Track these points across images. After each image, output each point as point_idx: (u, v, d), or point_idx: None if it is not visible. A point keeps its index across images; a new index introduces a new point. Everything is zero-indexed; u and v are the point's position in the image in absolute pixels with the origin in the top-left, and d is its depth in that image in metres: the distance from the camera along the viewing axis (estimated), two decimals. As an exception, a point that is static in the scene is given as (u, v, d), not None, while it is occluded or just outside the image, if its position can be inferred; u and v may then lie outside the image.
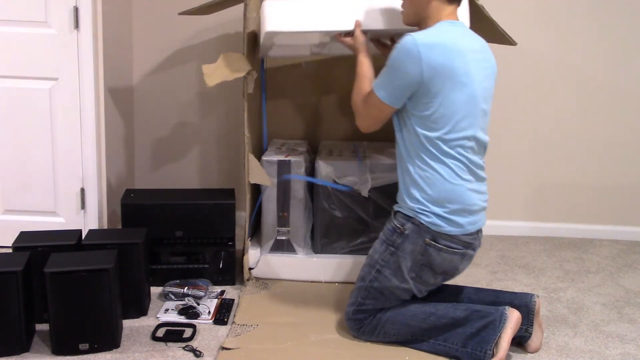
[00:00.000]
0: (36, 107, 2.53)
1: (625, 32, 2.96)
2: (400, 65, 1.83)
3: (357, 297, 1.99)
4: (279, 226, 2.45)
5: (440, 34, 1.86)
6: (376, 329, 1.97)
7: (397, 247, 1.93)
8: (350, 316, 1.99)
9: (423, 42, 1.80)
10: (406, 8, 1.97)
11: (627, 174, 3.10)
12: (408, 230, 1.91)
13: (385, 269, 1.94)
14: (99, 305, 1.87)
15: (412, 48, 1.80)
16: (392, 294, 1.96)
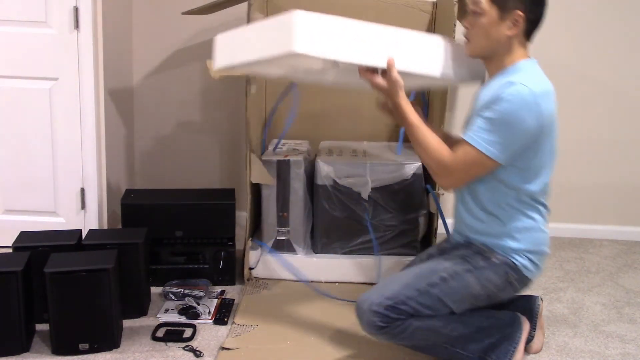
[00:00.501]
0: (36, 107, 2.53)
1: (625, 32, 2.96)
2: (517, 119, 1.64)
3: (399, 293, 1.76)
4: (279, 226, 2.45)
5: (542, 78, 1.74)
6: (403, 333, 1.77)
7: (476, 268, 1.79)
8: (381, 310, 1.74)
9: (540, 92, 1.66)
10: (477, 39, 1.76)
11: (627, 174, 3.11)
12: (497, 261, 1.80)
13: (453, 281, 1.78)
14: (99, 305, 1.87)
15: (530, 99, 1.64)
16: (442, 306, 1.79)
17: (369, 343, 2.01)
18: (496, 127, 1.66)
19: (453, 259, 1.83)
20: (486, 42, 1.76)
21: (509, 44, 1.75)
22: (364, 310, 1.78)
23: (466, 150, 1.70)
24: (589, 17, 2.94)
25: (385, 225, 2.43)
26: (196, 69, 2.98)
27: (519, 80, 1.67)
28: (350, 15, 2.67)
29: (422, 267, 1.85)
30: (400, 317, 1.74)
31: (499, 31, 1.73)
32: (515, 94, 1.64)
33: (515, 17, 1.70)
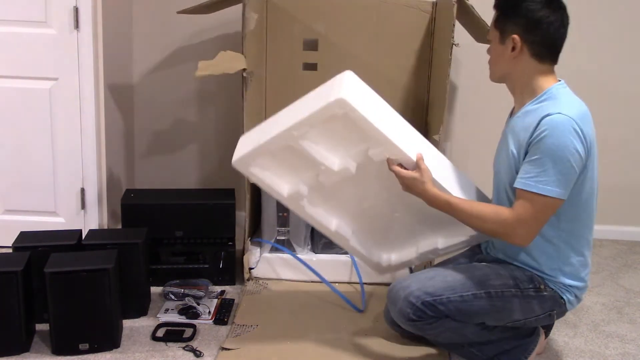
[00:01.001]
0: (36, 107, 2.53)
1: (625, 32, 2.96)
2: (566, 149, 1.60)
3: (442, 293, 1.73)
4: (279, 226, 2.45)
5: (575, 101, 1.73)
6: (431, 330, 1.78)
7: (524, 296, 1.76)
8: (418, 304, 1.73)
9: (577, 116, 1.64)
10: (491, 65, 1.81)
11: (627, 174, 3.10)
12: (547, 293, 1.78)
13: (498, 301, 1.75)
14: (99, 305, 1.87)
15: (571, 126, 1.61)
16: (478, 318, 1.78)
17: (369, 343, 2.01)
18: (549, 164, 1.61)
19: (504, 277, 1.78)
20: (497, 67, 1.78)
21: (520, 68, 1.74)
22: (399, 297, 1.76)
23: (528, 199, 1.63)
24: (591, 18, 2.94)
25: (385, 225, 2.43)
26: (196, 69, 2.98)
27: (554, 110, 1.64)
28: (351, 15, 2.70)
29: (471, 274, 1.80)
30: (434, 315, 1.73)
31: (503, 55, 1.74)
32: (555, 125, 1.61)
33: (513, 41, 1.71)
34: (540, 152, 1.62)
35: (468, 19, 2.42)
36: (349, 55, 2.74)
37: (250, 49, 2.30)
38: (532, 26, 1.70)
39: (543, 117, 1.64)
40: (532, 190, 1.62)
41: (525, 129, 1.69)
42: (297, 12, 2.70)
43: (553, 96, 1.71)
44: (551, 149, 1.61)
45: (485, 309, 1.75)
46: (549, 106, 1.67)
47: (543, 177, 1.61)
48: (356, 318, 2.18)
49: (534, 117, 1.67)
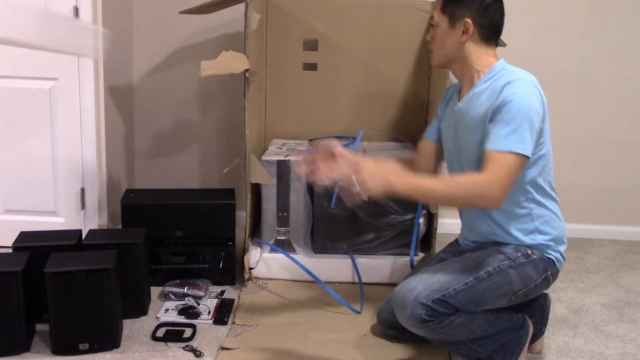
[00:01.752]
0: (36, 107, 2.53)
1: (625, 32, 2.96)
2: (531, 110, 1.67)
3: (448, 286, 1.74)
4: (279, 226, 2.45)
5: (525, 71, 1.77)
6: (443, 328, 1.76)
7: (518, 265, 1.80)
8: (429, 303, 1.72)
9: (535, 81, 1.73)
10: (435, 50, 1.86)
11: (627, 174, 3.11)
12: (535, 256, 1.82)
13: (498, 276, 1.78)
14: (99, 305, 1.87)
15: (533, 89, 1.70)
16: (485, 302, 1.79)
17: (369, 343, 2.01)
18: (517, 125, 1.66)
19: (494, 255, 1.82)
20: (443, 52, 1.84)
21: (468, 51, 1.80)
22: (409, 301, 1.74)
23: (500, 159, 1.65)
24: (591, 18, 2.94)
25: (385, 225, 2.43)
26: (196, 68, 2.94)
27: (513, 78, 1.71)
28: (351, 15, 2.70)
29: (466, 262, 1.83)
30: (446, 311, 1.74)
31: (453, 39, 1.80)
32: (520, 89, 1.68)
33: (465, 24, 1.77)
34: (507, 113, 1.67)
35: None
36: (349, 55, 2.74)
37: (251, 48, 2.30)
38: (484, 10, 1.78)
39: (504, 85, 1.70)
40: (504, 149, 1.65)
41: (484, 104, 1.74)
42: (297, 12, 2.70)
43: (503, 69, 1.78)
44: (518, 109, 1.66)
45: (489, 288, 1.78)
46: (504, 77, 1.73)
47: (512, 136, 1.65)
48: (356, 318, 2.18)
49: (493, 90, 1.73)
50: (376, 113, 2.81)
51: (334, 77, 2.79)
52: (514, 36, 2.86)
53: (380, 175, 1.57)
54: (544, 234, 1.84)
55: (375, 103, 2.80)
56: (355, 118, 2.81)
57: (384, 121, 2.81)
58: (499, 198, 1.65)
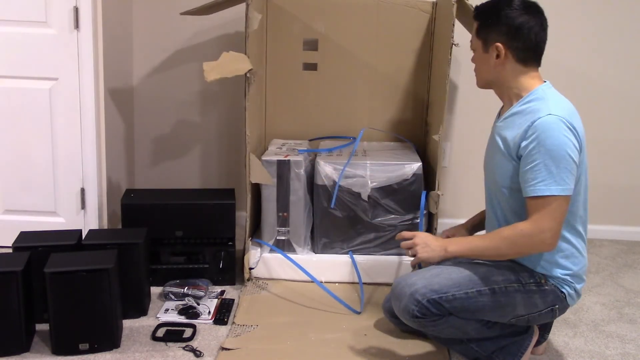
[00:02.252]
0: (36, 107, 2.53)
1: (624, 32, 2.96)
2: (563, 145, 1.64)
3: (448, 290, 1.75)
4: (279, 226, 2.45)
5: (562, 100, 1.75)
6: (434, 327, 1.79)
7: (527, 291, 1.79)
8: (424, 301, 1.74)
9: (567, 114, 1.68)
10: (476, 73, 1.87)
11: (627, 174, 3.10)
12: (548, 287, 1.80)
13: (502, 296, 1.77)
14: (99, 305, 1.87)
15: (562, 123, 1.65)
16: (482, 315, 1.79)
17: (368, 343, 2.01)
18: (551, 165, 1.64)
19: (506, 273, 1.80)
20: (483, 75, 1.85)
21: (505, 74, 1.79)
22: (405, 295, 1.77)
23: (542, 204, 1.66)
24: (592, 19, 2.94)
25: (385, 225, 2.43)
26: (196, 69, 2.98)
27: (544, 112, 1.67)
28: (351, 15, 2.70)
29: (475, 271, 1.81)
30: (439, 313, 1.75)
31: (488, 63, 1.80)
32: (549, 127, 1.65)
33: (497, 49, 1.77)
34: (540, 155, 1.65)
35: (468, 19, 2.42)
36: (349, 55, 2.74)
37: (251, 48, 2.30)
38: (514, 33, 1.74)
39: (534, 121, 1.67)
40: (545, 194, 1.65)
41: (515, 129, 1.73)
42: (297, 12, 2.71)
43: (540, 97, 1.74)
44: (550, 149, 1.64)
45: (489, 305, 1.77)
46: (537, 108, 1.70)
47: (550, 179, 1.64)
48: (356, 318, 2.18)
49: (524, 119, 1.72)
50: (376, 113, 2.81)
51: (334, 77, 2.79)
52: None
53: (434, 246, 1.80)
54: (563, 268, 1.80)
55: (375, 103, 2.80)
56: (355, 118, 2.81)
57: (384, 121, 2.81)
58: (551, 243, 1.69)
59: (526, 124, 1.69)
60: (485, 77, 1.85)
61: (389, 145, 2.73)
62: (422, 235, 1.83)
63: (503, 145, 1.77)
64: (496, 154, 1.82)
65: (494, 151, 1.84)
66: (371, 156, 2.49)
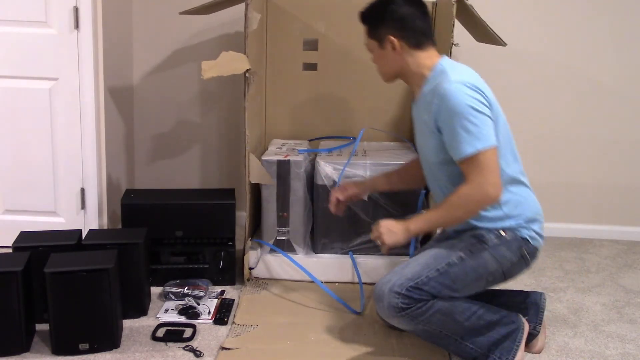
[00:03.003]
0: (36, 107, 2.53)
1: (624, 32, 2.96)
2: (464, 101, 1.74)
3: (420, 274, 1.80)
4: (279, 226, 2.45)
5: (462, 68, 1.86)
6: (423, 315, 1.80)
7: (490, 247, 1.86)
8: (403, 291, 1.78)
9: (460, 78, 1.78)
10: (379, 70, 1.96)
11: (627, 174, 3.10)
12: (509, 237, 1.87)
13: (470, 260, 1.84)
14: (99, 305, 1.87)
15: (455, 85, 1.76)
16: (461, 286, 1.84)
17: (368, 343, 2.01)
18: (465, 124, 1.74)
19: (466, 239, 1.88)
20: (387, 69, 1.95)
21: (405, 61, 1.90)
22: (384, 292, 1.81)
23: (472, 163, 1.75)
24: (590, 18, 2.94)
25: (385, 225, 2.43)
26: (196, 69, 2.96)
27: (445, 83, 1.78)
28: (351, 15, 2.70)
29: (438, 249, 1.89)
30: (422, 297, 1.79)
31: (387, 57, 1.91)
32: (445, 92, 1.76)
33: (390, 42, 1.88)
34: (453, 120, 1.75)
35: (468, 19, 2.42)
36: (349, 55, 2.74)
37: (251, 48, 2.30)
38: (400, 23, 1.88)
39: (439, 93, 1.79)
40: (470, 153, 1.74)
41: (428, 106, 1.84)
42: (297, 12, 2.71)
43: (441, 71, 1.85)
44: (459, 111, 1.73)
45: (462, 272, 1.83)
46: (440, 81, 1.81)
47: (469, 137, 1.74)
48: (356, 318, 2.18)
49: (432, 95, 1.83)
50: (376, 113, 2.81)
51: (334, 77, 2.79)
52: (514, 36, 2.87)
53: (397, 230, 1.83)
54: (513, 218, 1.88)
55: (375, 103, 2.80)
56: (355, 118, 2.81)
57: (384, 121, 2.81)
58: (494, 192, 1.77)
59: (435, 98, 1.80)
60: (389, 71, 1.94)
61: (389, 145, 2.73)
62: (383, 222, 1.86)
63: (425, 126, 1.88)
64: (422, 136, 1.94)
65: (420, 134, 1.96)
66: (371, 156, 2.49)
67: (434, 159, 1.91)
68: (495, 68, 2.88)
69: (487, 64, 2.24)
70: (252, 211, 2.45)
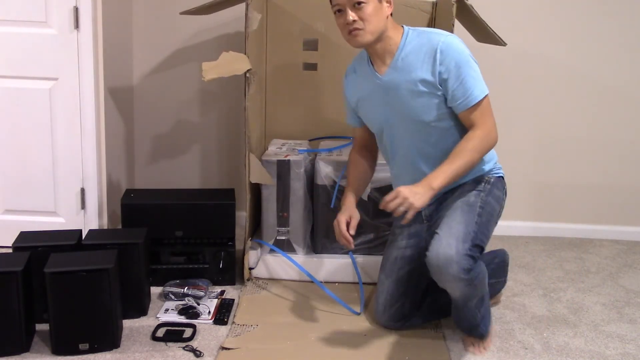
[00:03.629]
0: (36, 107, 2.53)
1: (624, 32, 2.96)
2: (468, 54, 1.87)
3: (468, 232, 1.83)
4: (279, 226, 2.45)
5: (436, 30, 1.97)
6: (476, 279, 1.83)
7: (488, 192, 1.97)
8: (467, 251, 1.79)
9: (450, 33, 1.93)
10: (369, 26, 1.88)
11: (627, 174, 3.11)
12: (492, 179, 2.01)
13: (487, 207, 1.93)
14: (99, 305, 1.87)
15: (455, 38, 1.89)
16: (489, 233, 1.94)
17: (368, 343, 2.01)
18: (471, 72, 1.85)
19: (469, 194, 1.97)
20: (375, 27, 1.89)
21: (387, 24, 1.92)
22: (452, 257, 1.77)
23: (480, 107, 1.86)
24: (590, 17, 2.94)
25: (385, 225, 2.43)
26: (196, 69, 2.97)
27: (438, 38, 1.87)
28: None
29: (459, 208, 1.92)
30: (476, 255, 1.83)
31: (382, 13, 1.90)
32: (448, 45, 1.85)
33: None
34: (461, 69, 1.84)
35: (468, 18, 2.42)
36: (349, 55, 2.73)
37: (251, 48, 2.30)
38: None
39: (437, 47, 1.86)
40: (479, 99, 1.85)
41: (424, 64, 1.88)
42: (297, 12, 2.70)
43: (419, 32, 1.93)
44: (465, 61, 1.84)
45: (487, 220, 1.92)
46: (428, 38, 1.89)
47: (477, 84, 1.85)
48: (356, 318, 2.18)
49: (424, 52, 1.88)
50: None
51: (334, 77, 2.78)
52: (514, 36, 2.87)
53: (420, 190, 1.78)
54: (488, 162, 2.02)
55: (375, 103, 2.80)
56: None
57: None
58: (496, 136, 1.91)
59: (430, 53, 1.86)
60: (376, 29, 1.89)
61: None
62: (403, 189, 1.78)
63: (412, 86, 1.90)
64: (404, 100, 1.93)
65: (399, 100, 1.94)
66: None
67: (425, 119, 1.93)
68: (495, 68, 2.88)
69: (487, 64, 2.24)
70: (252, 211, 2.45)
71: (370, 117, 2.09)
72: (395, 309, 2.07)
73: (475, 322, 1.98)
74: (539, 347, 2.05)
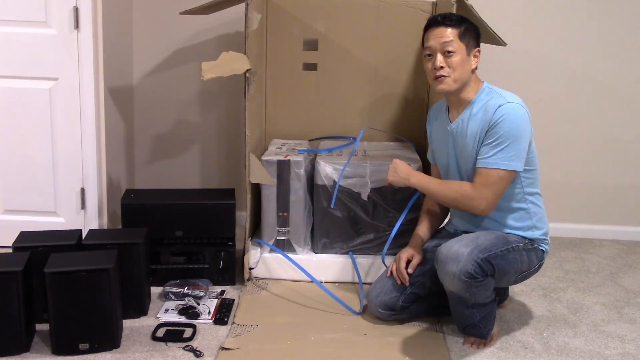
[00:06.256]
0: (36, 107, 2.53)
1: (624, 32, 2.96)
2: (522, 131, 1.91)
3: (492, 249, 1.91)
4: (279, 226, 2.45)
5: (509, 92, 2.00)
6: (479, 287, 1.90)
7: (525, 250, 2.01)
8: (479, 261, 1.87)
9: (523, 104, 1.95)
10: (455, 75, 1.97)
11: (627, 174, 3.11)
12: (534, 247, 2.04)
13: (517, 253, 1.98)
14: (99, 305, 1.87)
15: (523, 111, 1.93)
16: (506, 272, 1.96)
17: (368, 343, 2.01)
18: (507, 144, 1.90)
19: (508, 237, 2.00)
20: (462, 77, 1.98)
21: (471, 77, 2.01)
22: (463, 255, 1.87)
23: (487, 175, 1.93)
24: (589, 18, 2.94)
25: (385, 225, 2.43)
26: (196, 69, 2.95)
27: (502, 101, 1.93)
28: (351, 15, 2.70)
29: (494, 235, 1.99)
30: (487, 272, 1.89)
31: (467, 65, 1.99)
32: (509, 112, 1.91)
33: (476, 52, 2.01)
34: (499, 135, 1.91)
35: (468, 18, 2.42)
36: (349, 55, 2.74)
37: (251, 48, 2.30)
38: (479, 41, 2.04)
39: (498, 106, 1.92)
40: (493, 167, 1.92)
41: (479, 123, 1.97)
42: (297, 12, 2.70)
43: (490, 92, 2.00)
44: (509, 131, 1.90)
45: (513, 261, 1.96)
46: (496, 98, 1.96)
47: (501, 154, 1.91)
48: (356, 318, 2.18)
49: (485, 111, 1.96)
50: (376, 113, 2.81)
51: (334, 77, 2.79)
52: (514, 36, 2.87)
53: (403, 173, 2.09)
54: (539, 229, 2.06)
55: (375, 103, 2.80)
56: (355, 118, 2.81)
57: (384, 121, 2.81)
58: (484, 209, 1.96)
59: (490, 112, 1.93)
60: (463, 79, 1.99)
61: (389, 145, 2.73)
62: (397, 161, 2.13)
63: (473, 139, 1.99)
64: (466, 151, 2.02)
65: (463, 150, 2.04)
66: (371, 156, 2.49)
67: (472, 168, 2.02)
68: (495, 68, 2.88)
69: (487, 64, 2.24)
70: (252, 211, 2.45)
71: (438, 156, 2.21)
72: (389, 298, 2.11)
73: (472, 322, 2.00)
74: (539, 347, 2.05)
